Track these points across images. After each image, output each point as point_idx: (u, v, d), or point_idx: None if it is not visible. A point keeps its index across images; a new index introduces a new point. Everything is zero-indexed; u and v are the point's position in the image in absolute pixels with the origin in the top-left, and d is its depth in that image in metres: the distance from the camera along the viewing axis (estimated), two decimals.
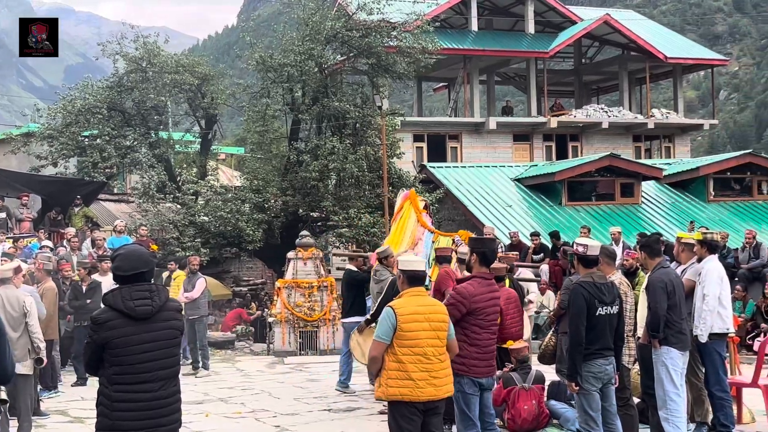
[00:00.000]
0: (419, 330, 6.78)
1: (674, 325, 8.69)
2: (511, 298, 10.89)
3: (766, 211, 26.60)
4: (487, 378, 7.77)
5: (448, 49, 34.14)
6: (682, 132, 40.38)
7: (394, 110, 29.79)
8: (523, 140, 37.64)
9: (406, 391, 6.72)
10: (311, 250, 20.02)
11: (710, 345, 9.13)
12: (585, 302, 7.66)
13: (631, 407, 8.65)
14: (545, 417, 10.21)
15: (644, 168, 27.56)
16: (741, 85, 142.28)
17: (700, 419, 9.71)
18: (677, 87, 41.08)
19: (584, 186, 27.16)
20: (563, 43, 37.48)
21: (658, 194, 27.59)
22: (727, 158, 28.82)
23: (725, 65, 56.43)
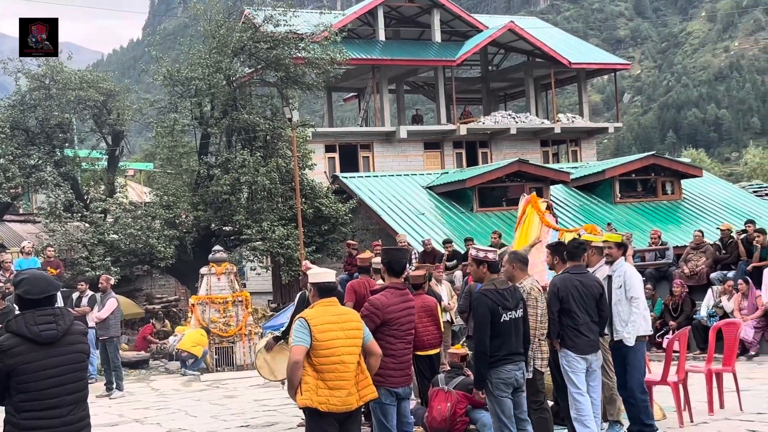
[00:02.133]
0: (334, 339, 6.78)
1: (570, 329, 8.89)
2: (426, 306, 10.95)
3: (670, 211, 27.32)
4: (403, 387, 7.81)
5: (356, 60, 34.28)
6: (588, 135, 41.23)
7: (304, 121, 29.80)
8: (433, 148, 37.97)
9: (325, 400, 6.71)
10: (225, 265, 19.86)
11: (635, 347, 9.26)
12: (489, 310, 7.72)
13: (545, 410, 8.79)
14: (462, 423, 10.27)
15: (552, 172, 28.06)
16: (644, 88, 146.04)
17: (612, 418, 9.93)
18: (582, 91, 41.94)
19: (495, 192, 27.52)
20: (470, 51, 37.95)
21: (567, 197, 28.10)
22: (631, 160, 29.50)
23: (628, 69, 57.76)
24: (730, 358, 11.41)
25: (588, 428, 8.79)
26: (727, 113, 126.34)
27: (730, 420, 10.47)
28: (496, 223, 25.50)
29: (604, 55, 45.43)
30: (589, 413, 8.86)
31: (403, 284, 8.05)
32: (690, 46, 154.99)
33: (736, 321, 12.12)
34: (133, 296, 26.56)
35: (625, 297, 9.29)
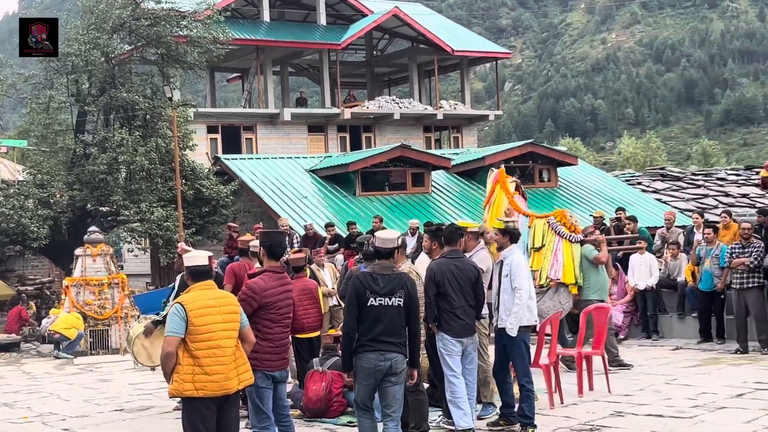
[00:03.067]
0: (212, 323, 6.72)
1: (446, 312, 9.01)
2: (306, 289, 10.96)
3: (546, 198, 27.94)
4: (280, 371, 7.78)
5: (240, 40, 33.88)
6: (469, 123, 41.83)
7: (185, 101, 29.30)
8: (317, 131, 37.90)
9: (201, 386, 6.66)
10: (100, 247, 19.43)
11: (518, 337, 9.26)
12: (355, 292, 7.64)
13: (421, 392, 8.92)
14: (339, 404, 10.33)
15: (434, 158, 28.36)
16: (524, 77, 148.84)
17: (486, 400, 10.16)
18: (464, 79, 42.49)
19: (377, 176, 27.65)
20: (355, 35, 37.97)
21: (448, 183, 28.45)
22: (510, 148, 30.04)
23: (509, 58, 58.78)
24: (600, 342, 11.76)
25: (462, 410, 8.95)
26: (603, 104, 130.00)
27: (598, 402, 10.80)
28: (378, 207, 25.62)
29: (487, 43, 46.10)
30: (464, 395, 9.03)
31: (281, 268, 8.01)
32: (569, 37, 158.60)
33: (606, 306, 12.50)
34: (5, 277, 25.74)
35: (511, 286, 9.29)
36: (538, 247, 13.33)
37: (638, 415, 9.99)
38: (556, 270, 13.07)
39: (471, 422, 9.08)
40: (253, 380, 7.11)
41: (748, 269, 14.31)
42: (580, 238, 13.29)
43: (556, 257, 13.15)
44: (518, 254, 9.54)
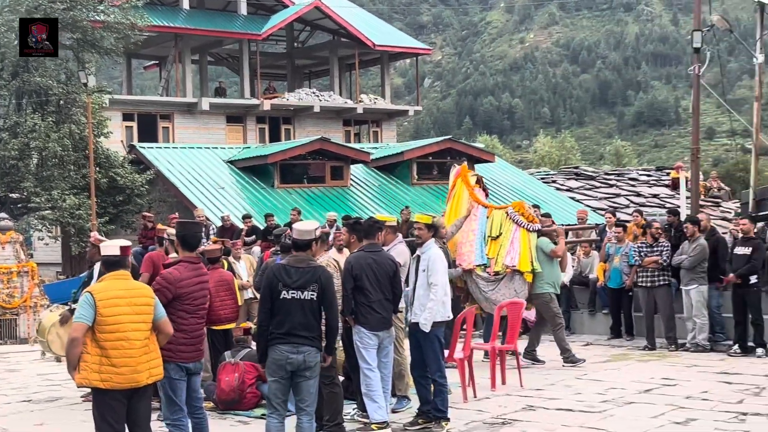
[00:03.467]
0: (120, 314, 6.62)
1: (363, 306, 9.02)
2: (222, 280, 10.87)
3: None
4: (194, 362, 7.68)
5: (158, 27, 33.40)
6: (389, 117, 41.93)
7: (101, 87, 28.75)
8: (236, 122, 37.56)
9: (107, 377, 6.57)
10: (10, 234, 18.92)
11: (431, 333, 9.21)
12: (268, 284, 7.57)
13: (336, 385, 8.90)
14: (252, 395, 10.26)
15: (353, 152, 28.37)
16: (444, 74, 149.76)
17: (401, 393, 10.20)
18: (385, 74, 42.57)
19: (296, 168, 27.54)
20: (275, 26, 37.74)
21: (367, 177, 28.50)
22: (429, 143, 30.25)
23: (429, 54, 59.05)
24: (513, 337, 11.91)
25: (376, 403, 8.98)
26: (520, 102, 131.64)
27: (510, 396, 10.94)
28: (296, 199, 25.54)
29: (407, 39, 46.25)
30: (379, 389, 9.05)
31: (197, 258, 7.90)
32: (488, 36, 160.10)
33: (520, 301, 12.66)
34: None
35: (427, 282, 9.25)
36: (495, 236, 13.37)
37: (549, 409, 10.14)
38: (512, 257, 13.10)
39: (385, 415, 9.11)
40: (162, 375, 7.02)
41: (657, 268, 14.66)
42: (538, 227, 13.41)
43: (512, 245, 13.20)
44: (436, 249, 9.54)
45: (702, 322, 14.10)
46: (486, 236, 13.42)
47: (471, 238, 13.50)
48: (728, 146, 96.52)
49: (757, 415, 9.50)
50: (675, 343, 14.44)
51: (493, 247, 13.31)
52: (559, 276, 13.60)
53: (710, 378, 11.76)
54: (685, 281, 14.23)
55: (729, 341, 14.14)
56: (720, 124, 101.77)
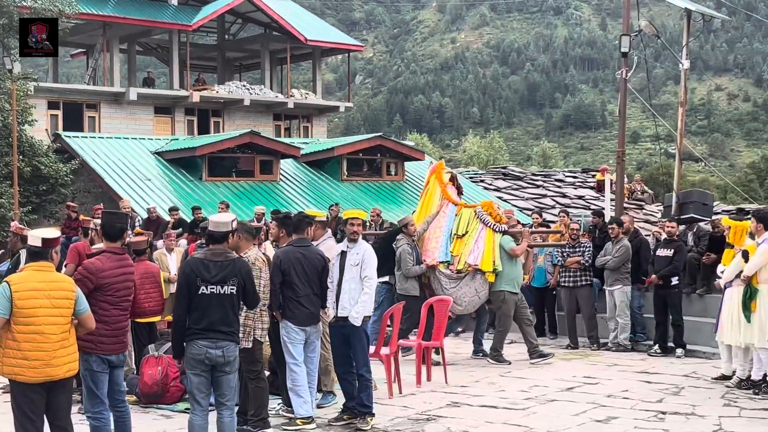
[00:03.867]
0: (37, 307, 6.50)
1: (291, 300, 9.00)
2: (148, 272, 10.71)
3: (392, 191, 28.29)
4: (116, 355, 7.56)
5: (86, 14, 32.78)
6: (320, 113, 41.83)
7: (26, 74, 28.08)
8: (164, 113, 37.08)
9: (20, 371, 6.48)
10: None
11: (360, 327, 9.19)
12: (186, 279, 7.46)
13: (262, 380, 8.84)
14: (176, 389, 10.13)
15: (283, 146, 28.21)
16: (375, 71, 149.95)
17: (326, 389, 10.18)
18: (316, 69, 42.45)
19: (225, 162, 27.29)
20: (206, 18, 37.34)
21: (296, 172, 28.38)
22: (359, 140, 30.24)
23: (361, 51, 59.00)
24: (439, 334, 11.97)
25: (302, 398, 8.95)
26: (450, 102, 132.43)
27: (435, 392, 11.00)
28: (224, 193, 25.31)
29: (340, 35, 46.17)
30: (304, 384, 9.02)
31: (121, 249, 7.76)
32: (420, 35, 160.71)
33: (447, 298, 12.72)
34: None
35: (360, 276, 9.22)
36: (462, 234, 13.38)
37: (473, 405, 10.22)
38: (475, 256, 13.12)
39: (311, 410, 9.09)
40: (76, 371, 6.90)
41: (579, 268, 14.89)
42: (504, 228, 13.43)
43: (477, 244, 13.21)
44: (368, 245, 9.59)
45: (624, 322, 14.36)
46: (452, 234, 13.46)
47: (438, 235, 13.52)
48: (652, 150, 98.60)
49: (675, 414, 9.70)
50: (597, 342, 14.68)
51: (458, 245, 13.37)
52: (520, 275, 13.55)
53: (631, 377, 11.98)
54: (609, 282, 14.47)
55: (649, 341, 14.42)
56: (644, 129, 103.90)
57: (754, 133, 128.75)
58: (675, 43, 28.80)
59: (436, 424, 9.30)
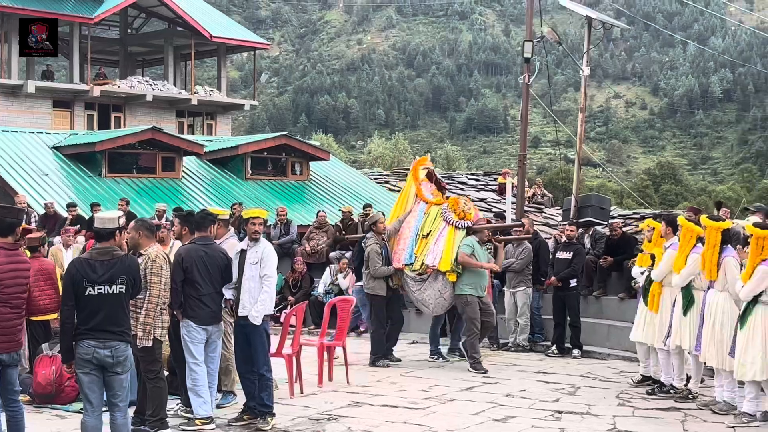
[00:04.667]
0: None
1: (193, 299, 8.90)
2: (43, 269, 10.45)
3: (297, 191, 28.16)
4: (8, 354, 7.33)
5: None
6: (224, 110, 41.36)
7: None
8: (63, 107, 36.18)
9: None
10: None
11: (261, 326, 9.09)
12: (71, 281, 7.24)
13: (161, 379, 8.69)
14: (71, 389, 9.89)
15: (186, 143, 27.78)
16: (281, 70, 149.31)
17: (227, 388, 10.07)
18: (221, 66, 41.99)
19: (126, 158, 26.75)
20: (109, 11, 36.57)
21: (199, 170, 28.00)
22: (264, 138, 29.98)
23: (267, 49, 58.58)
24: (342, 333, 11.97)
25: (201, 398, 8.85)
26: (356, 103, 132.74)
27: (337, 392, 10.99)
28: (125, 189, 24.82)
29: (246, 32, 45.73)
30: (204, 383, 8.92)
31: (13, 245, 7.50)
32: (327, 35, 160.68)
33: (350, 298, 12.74)
34: None
35: (259, 275, 9.12)
36: (426, 234, 13.05)
37: (374, 405, 10.25)
38: (434, 256, 12.75)
39: (210, 410, 8.99)
40: None
41: None
42: (467, 225, 12.99)
43: (437, 243, 12.83)
44: (268, 243, 9.49)
45: (524, 323, 14.60)
46: (418, 234, 13.15)
47: (407, 236, 13.22)
48: (552, 155, 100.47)
49: (571, 413, 9.90)
50: (497, 342, 14.87)
51: (421, 246, 13.06)
52: (483, 279, 12.99)
53: (529, 377, 12.18)
54: (512, 284, 14.67)
55: (547, 342, 14.68)
56: (545, 134, 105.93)
57: (650, 140, 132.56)
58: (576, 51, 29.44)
59: (336, 424, 9.30)
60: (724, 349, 9.72)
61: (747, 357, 9.19)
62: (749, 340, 9.21)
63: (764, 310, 9.23)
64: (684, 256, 10.34)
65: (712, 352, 9.85)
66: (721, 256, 9.80)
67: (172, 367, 9.74)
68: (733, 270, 9.77)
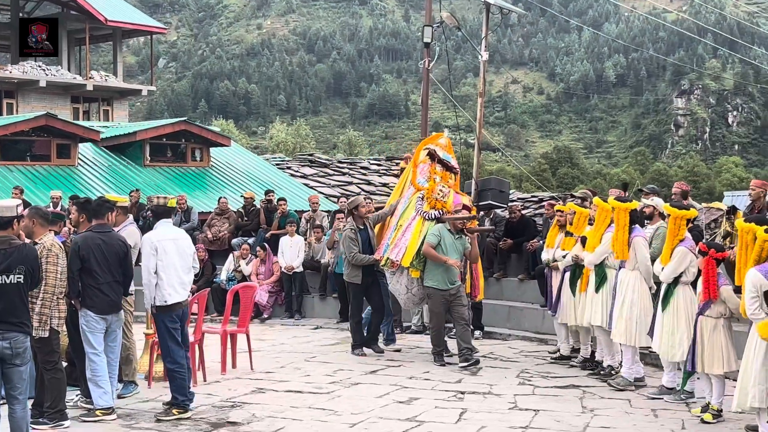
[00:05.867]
0: None
1: (91, 288, 8.74)
2: None
3: (197, 177, 27.78)
4: None
5: None
6: (121, 96, 40.54)
7: None
8: None
9: None
10: None
11: (157, 317, 8.98)
12: None
13: (59, 370, 8.49)
14: None
15: (82, 129, 27.11)
16: (179, 55, 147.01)
17: (128, 378, 9.90)
18: (117, 51, 41.09)
19: (19, 145, 25.96)
20: None
21: (96, 157, 27.37)
22: (163, 124, 29.46)
23: (164, 34, 57.59)
24: (245, 320, 11.89)
25: (101, 388, 8.69)
26: (257, 88, 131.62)
27: (240, 378, 10.92)
28: (18, 177, 24.10)
29: (142, 16, 44.80)
30: (105, 373, 8.76)
31: None
32: (226, 20, 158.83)
33: (253, 285, 12.66)
34: None
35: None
36: (402, 224, 12.20)
37: (278, 391, 10.21)
38: (398, 251, 11.85)
39: (111, 401, 8.84)
40: None
41: None
42: (435, 215, 11.93)
43: (404, 236, 11.90)
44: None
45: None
46: (397, 224, 12.32)
47: (392, 225, 12.36)
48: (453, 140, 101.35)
49: (474, 393, 10.05)
50: (400, 325, 14.97)
51: (395, 237, 12.20)
52: (449, 271, 11.65)
53: (431, 359, 12.27)
54: None
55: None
56: (446, 119, 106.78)
57: (547, 125, 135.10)
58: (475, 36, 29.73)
59: (241, 411, 9.24)
60: (633, 326, 9.98)
61: (674, 339, 9.41)
62: (675, 323, 9.41)
63: (685, 291, 9.46)
64: (599, 235, 10.46)
65: (621, 329, 10.10)
66: (631, 236, 10.01)
67: (70, 357, 9.53)
68: (643, 249, 10.02)
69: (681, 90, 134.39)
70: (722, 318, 8.77)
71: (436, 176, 12.27)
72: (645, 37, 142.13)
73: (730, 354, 8.72)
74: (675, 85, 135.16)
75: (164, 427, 8.59)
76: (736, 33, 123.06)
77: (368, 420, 8.82)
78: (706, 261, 8.71)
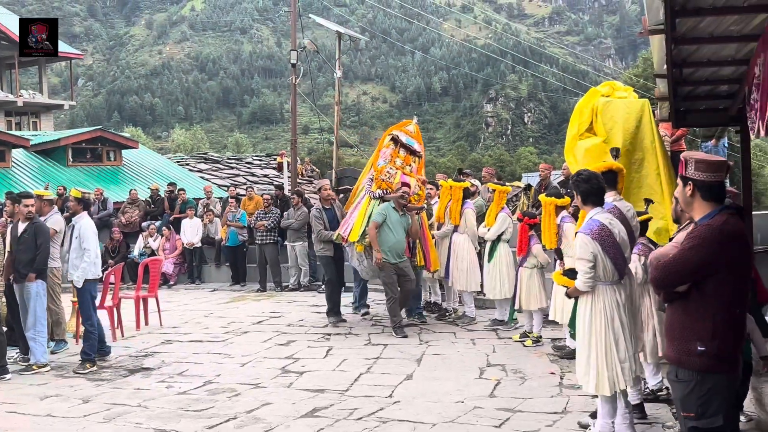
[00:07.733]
0: None
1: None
2: None
3: (112, 174, 26.75)
4: None
5: None
6: (47, 110, 38.50)
7: None
8: None
9: None
10: None
11: (84, 288, 8.57)
12: None
13: (1, 334, 8.08)
14: None
15: (14, 138, 25.59)
16: (95, 76, 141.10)
17: (58, 338, 9.49)
18: (42, 74, 39.02)
19: None
20: None
21: (27, 160, 25.94)
22: (82, 132, 28.19)
23: (81, 59, 54.99)
24: (154, 287, 11.58)
25: (43, 347, 8.30)
26: (160, 101, 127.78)
27: (152, 333, 10.64)
28: None
29: (63, 45, 42.55)
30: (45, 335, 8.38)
31: None
32: (132, 46, 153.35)
33: (159, 258, 12.31)
34: None
35: (80, 247, 8.59)
36: (353, 202, 10.80)
37: (183, 341, 10.00)
38: (346, 227, 10.27)
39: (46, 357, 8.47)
40: None
41: (266, 229, 15.01)
42: (379, 194, 10.25)
43: (353, 213, 10.37)
44: (87, 220, 8.93)
45: (306, 269, 14.69)
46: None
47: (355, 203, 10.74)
48: (318, 139, 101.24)
49: (338, 334, 10.12)
50: (280, 285, 14.90)
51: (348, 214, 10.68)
52: (398, 245, 9.87)
53: (306, 310, 12.29)
54: (292, 239, 14.70)
55: (319, 282, 14.85)
56: (313, 123, 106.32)
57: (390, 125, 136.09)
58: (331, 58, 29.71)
59: (152, 359, 9.01)
60: (466, 275, 10.14)
61: (497, 283, 9.59)
62: (497, 271, 9.64)
63: (505, 247, 9.72)
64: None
65: (458, 278, 10.26)
66: (463, 207, 10.26)
67: (10, 323, 9.06)
68: (471, 218, 10.27)
69: (489, 98, 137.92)
70: (535, 268, 9.02)
71: (398, 159, 10.47)
72: (462, 58, 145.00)
73: (541, 295, 8.99)
74: (484, 94, 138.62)
75: (89, 376, 8.29)
76: (529, 54, 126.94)
77: (255, 360, 8.75)
78: (521, 226, 8.99)
